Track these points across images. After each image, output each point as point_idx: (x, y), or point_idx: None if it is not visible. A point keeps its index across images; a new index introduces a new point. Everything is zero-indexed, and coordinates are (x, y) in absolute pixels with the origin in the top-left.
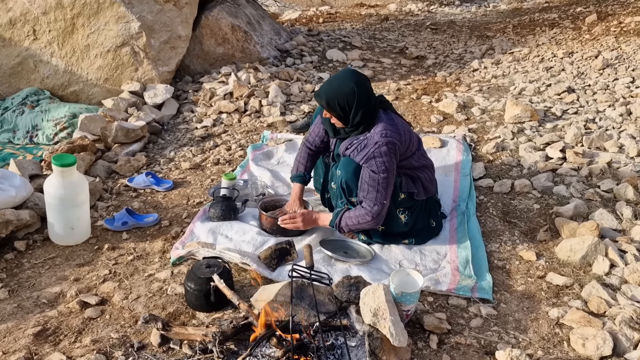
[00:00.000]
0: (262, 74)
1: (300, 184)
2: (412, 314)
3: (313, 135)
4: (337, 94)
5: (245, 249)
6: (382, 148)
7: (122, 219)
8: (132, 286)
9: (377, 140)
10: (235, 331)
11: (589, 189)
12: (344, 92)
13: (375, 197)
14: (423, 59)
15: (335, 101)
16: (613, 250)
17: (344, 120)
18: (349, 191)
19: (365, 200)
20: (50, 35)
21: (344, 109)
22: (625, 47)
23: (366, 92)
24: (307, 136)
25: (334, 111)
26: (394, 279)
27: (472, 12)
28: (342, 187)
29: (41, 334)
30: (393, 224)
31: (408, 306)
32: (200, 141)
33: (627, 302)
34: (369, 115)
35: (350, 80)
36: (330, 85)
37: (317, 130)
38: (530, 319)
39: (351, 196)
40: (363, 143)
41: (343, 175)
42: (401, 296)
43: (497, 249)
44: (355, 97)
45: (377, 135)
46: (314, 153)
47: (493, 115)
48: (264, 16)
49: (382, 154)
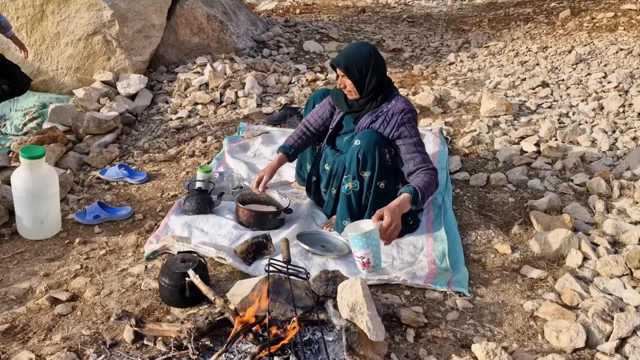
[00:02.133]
0: (238, 64)
1: (282, 154)
2: (368, 263)
3: (315, 117)
4: (355, 58)
5: (221, 243)
6: (409, 115)
7: (94, 212)
8: (104, 281)
9: (404, 107)
10: (210, 327)
11: (562, 183)
12: (361, 56)
13: (423, 158)
14: (400, 52)
15: (354, 65)
16: (586, 243)
17: (360, 86)
18: (364, 163)
19: (419, 169)
20: (18, 22)
21: (361, 72)
22: (598, 42)
23: (381, 60)
24: (308, 116)
25: (352, 75)
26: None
27: (448, 5)
28: (357, 157)
29: (9, 332)
30: None
31: (360, 251)
32: (175, 133)
33: (599, 295)
34: (383, 83)
35: (366, 46)
36: (348, 51)
37: (322, 111)
38: (505, 311)
39: (364, 170)
40: (389, 113)
41: (363, 145)
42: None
43: (472, 242)
44: (372, 61)
45: (403, 104)
46: (310, 134)
47: (469, 109)
48: (240, 6)
49: (410, 120)
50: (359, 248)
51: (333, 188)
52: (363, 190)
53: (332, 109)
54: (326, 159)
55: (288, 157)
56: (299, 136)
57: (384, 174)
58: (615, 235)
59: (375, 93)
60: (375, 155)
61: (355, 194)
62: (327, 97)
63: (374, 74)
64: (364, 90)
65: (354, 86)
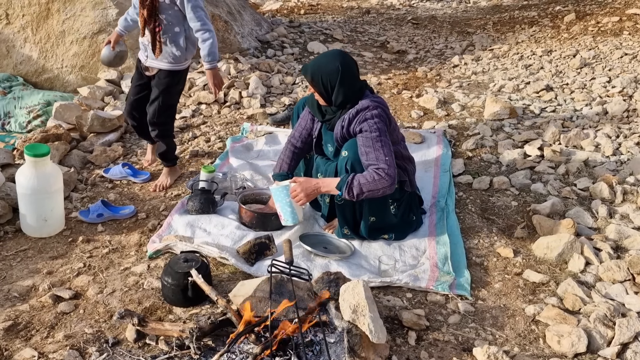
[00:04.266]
0: (243, 65)
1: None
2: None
3: (299, 130)
4: (322, 71)
5: (224, 243)
6: (373, 111)
7: (97, 211)
8: (107, 280)
9: (368, 104)
10: (212, 327)
11: (565, 187)
12: (328, 70)
13: (377, 156)
14: (404, 54)
15: (319, 77)
16: (588, 248)
17: (326, 98)
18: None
19: (370, 166)
20: (24, 19)
21: (327, 86)
22: (603, 46)
23: (350, 74)
24: (292, 133)
25: (317, 87)
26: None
27: (453, 7)
28: (346, 168)
29: (12, 329)
30: (385, 214)
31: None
32: (179, 132)
33: (601, 300)
34: (352, 95)
35: (336, 60)
36: (318, 61)
37: (304, 123)
38: (507, 315)
39: None
40: (353, 112)
41: (351, 157)
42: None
43: (475, 246)
44: (338, 76)
45: (367, 101)
46: (299, 151)
47: (473, 112)
48: (244, 6)
49: (372, 115)
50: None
51: (326, 197)
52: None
53: (312, 116)
54: (318, 168)
55: None
56: (290, 158)
57: None
58: (617, 241)
59: (345, 102)
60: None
61: (348, 203)
62: (306, 108)
63: (341, 87)
64: (332, 102)
65: (320, 96)
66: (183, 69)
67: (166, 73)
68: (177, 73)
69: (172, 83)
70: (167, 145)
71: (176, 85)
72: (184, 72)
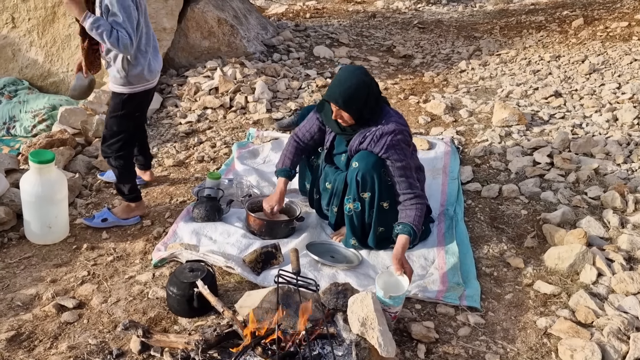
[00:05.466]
0: (249, 69)
1: (285, 178)
2: (398, 314)
3: (304, 131)
4: (352, 91)
5: (230, 252)
6: (399, 136)
7: (102, 216)
8: (111, 289)
9: (394, 128)
10: (218, 339)
11: (576, 196)
12: (359, 88)
13: (410, 184)
14: (410, 58)
15: (352, 99)
16: (600, 259)
17: (358, 117)
18: (363, 185)
19: (405, 194)
20: (29, 23)
21: (358, 105)
22: (612, 52)
23: (376, 87)
24: (296, 131)
25: (350, 109)
26: (379, 281)
27: (459, 11)
28: (357, 180)
29: (15, 339)
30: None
31: (395, 308)
32: (184, 137)
33: (614, 313)
34: (377, 109)
35: (360, 76)
36: (344, 83)
37: (309, 126)
38: (518, 328)
39: (364, 191)
40: (378, 133)
41: (361, 168)
42: (389, 299)
43: (484, 255)
44: (369, 91)
45: (393, 125)
46: (302, 148)
47: (481, 118)
48: (250, 10)
49: (399, 141)
50: (397, 305)
51: (334, 206)
52: (365, 210)
53: (321, 124)
54: (327, 177)
55: (290, 178)
56: (293, 153)
57: (385, 194)
58: (630, 251)
59: (370, 119)
60: (374, 177)
61: (357, 214)
62: (314, 113)
63: (370, 101)
64: (362, 117)
65: (351, 117)
66: (128, 93)
67: (112, 95)
68: (120, 95)
69: (116, 108)
70: (116, 178)
71: (121, 110)
72: (131, 96)
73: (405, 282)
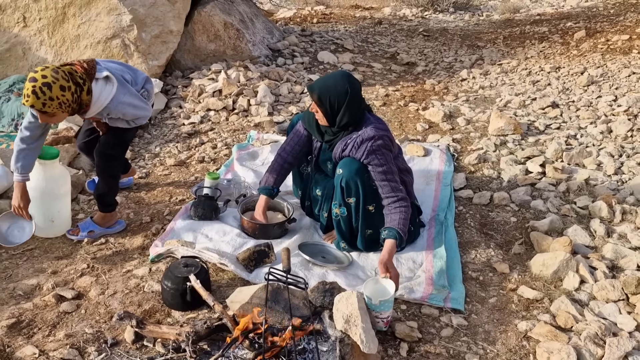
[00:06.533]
0: (252, 72)
1: (266, 196)
2: (390, 319)
3: (291, 144)
4: (330, 91)
5: (225, 249)
6: (379, 142)
7: (88, 228)
8: (109, 281)
9: (374, 134)
10: (208, 332)
11: (565, 205)
12: (337, 91)
13: (393, 187)
14: (413, 66)
15: (327, 97)
16: (584, 267)
17: (330, 119)
18: (347, 191)
19: (387, 197)
20: (40, 23)
21: (334, 107)
22: (611, 65)
23: (357, 97)
24: (283, 146)
25: (323, 107)
26: (366, 289)
27: (465, 20)
28: (341, 186)
29: (15, 326)
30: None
31: (386, 313)
32: (187, 138)
33: (593, 318)
34: (355, 118)
35: (345, 82)
36: (326, 81)
37: (297, 139)
38: (500, 330)
39: (349, 197)
40: (359, 140)
41: (345, 174)
42: (379, 305)
43: (472, 260)
44: (346, 99)
45: (372, 131)
46: (288, 166)
47: (478, 127)
48: (257, 14)
49: (379, 147)
50: (385, 310)
51: (324, 211)
52: (352, 215)
53: (308, 133)
54: (317, 184)
55: (272, 197)
56: (277, 172)
57: (370, 198)
58: (614, 260)
59: (348, 125)
60: (357, 183)
61: (344, 219)
62: (299, 123)
63: (347, 110)
64: (335, 123)
65: (324, 116)
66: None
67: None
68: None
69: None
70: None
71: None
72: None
73: (391, 287)
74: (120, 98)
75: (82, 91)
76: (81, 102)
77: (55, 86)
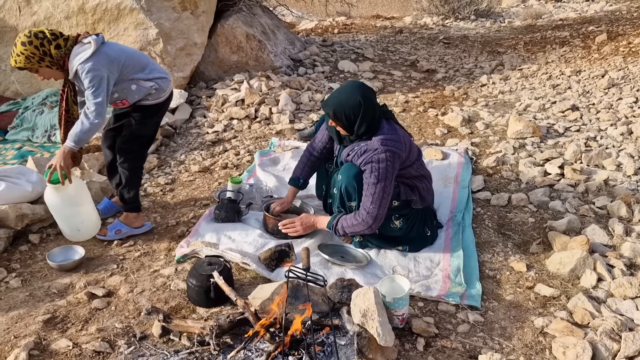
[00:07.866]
0: (274, 82)
1: (294, 187)
2: (406, 316)
3: (317, 141)
4: (344, 106)
5: (247, 250)
6: (381, 155)
7: (116, 227)
8: (137, 280)
9: (377, 147)
10: (231, 325)
11: (584, 205)
12: (350, 105)
13: (369, 204)
14: (433, 73)
15: (342, 112)
16: (601, 265)
17: (349, 130)
18: (347, 196)
19: (362, 207)
20: None
21: (350, 120)
22: (632, 67)
23: (371, 106)
24: (311, 142)
25: (340, 121)
26: (382, 287)
27: (487, 27)
28: (341, 192)
29: (50, 321)
30: (387, 228)
31: (401, 310)
32: (211, 145)
33: (610, 315)
34: (372, 126)
35: (357, 94)
36: (338, 96)
37: (321, 136)
38: (516, 327)
39: (350, 201)
40: (363, 149)
41: (344, 181)
42: (393, 302)
43: (489, 259)
44: (361, 110)
45: (377, 143)
46: (315, 159)
47: (497, 130)
48: (279, 26)
49: (379, 160)
50: (400, 307)
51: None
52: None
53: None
54: (334, 183)
55: (299, 188)
56: (305, 164)
57: None
58: (632, 258)
59: (366, 133)
60: (355, 187)
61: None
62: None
63: (364, 121)
64: (354, 133)
65: (343, 129)
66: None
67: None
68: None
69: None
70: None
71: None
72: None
73: (406, 285)
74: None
75: (50, 44)
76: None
77: (19, 42)
